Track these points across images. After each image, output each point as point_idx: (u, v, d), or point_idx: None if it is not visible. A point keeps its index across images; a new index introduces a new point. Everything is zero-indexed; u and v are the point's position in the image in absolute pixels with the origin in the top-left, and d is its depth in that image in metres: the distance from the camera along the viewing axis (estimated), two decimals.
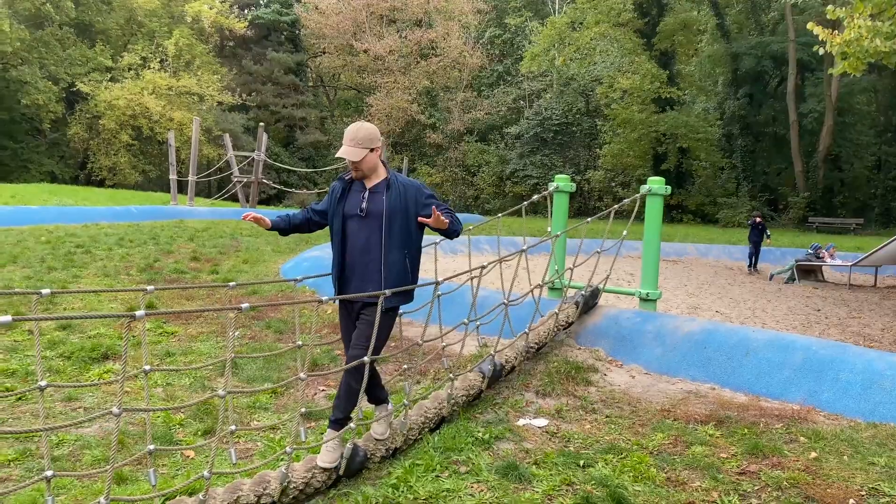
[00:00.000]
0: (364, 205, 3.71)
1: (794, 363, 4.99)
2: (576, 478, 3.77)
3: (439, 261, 12.79)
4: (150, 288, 3.51)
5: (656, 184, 6.20)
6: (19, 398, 4.89)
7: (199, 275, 9.51)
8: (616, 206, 6.07)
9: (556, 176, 6.97)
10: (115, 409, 2.69)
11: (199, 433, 4.41)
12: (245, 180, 24.86)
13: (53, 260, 9.93)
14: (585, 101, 37.76)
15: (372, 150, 3.70)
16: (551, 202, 6.71)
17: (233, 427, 3.51)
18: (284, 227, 3.90)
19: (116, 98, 32.07)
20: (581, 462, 3.96)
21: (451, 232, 3.81)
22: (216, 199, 26.37)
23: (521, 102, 40.36)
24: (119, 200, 22.76)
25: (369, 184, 3.77)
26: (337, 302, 3.82)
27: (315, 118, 43.23)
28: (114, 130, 33.20)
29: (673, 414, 4.66)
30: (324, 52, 42.03)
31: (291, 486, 3.43)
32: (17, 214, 14.55)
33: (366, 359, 3.56)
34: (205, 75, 35.16)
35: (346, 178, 3.84)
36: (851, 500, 3.44)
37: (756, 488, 3.61)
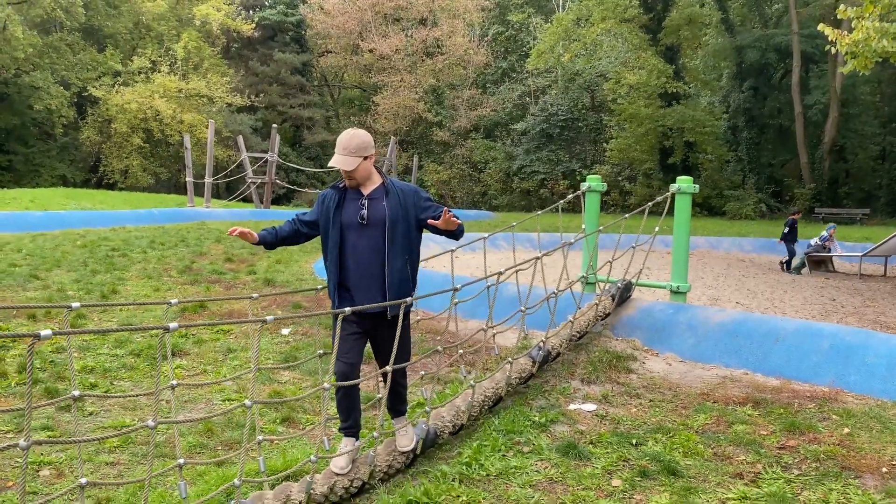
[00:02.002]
0: (364, 212, 3.64)
1: (822, 349, 5.37)
2: (630, 455, 4.15)
3: (459, 258, 13.17)
4: (255, 295, 3.90)
5: (685, 182, 6.58)
6: (106, 390, 5.29)
7: (237, 275, 9.89)
8: (650, 203, 6.44)
9: (588, 176, 7.36)
10: (247, 402, 3.05)
11: (277, 421, 4.79)
12: (259, 181, 25.24)
13: (95, 263, 10.31)
14: (591, 96, 38.06)
15: (366, 158, 3.63)
16: (584, 201, 7.09)
17: (326, 417, 3.87)
18: (272, 241, 3.81)
19: (128, 102, 32.47)
20: (633, 441, 4.33)
21: (458, 233, 3.77)
22: (231, 199, 26.75)
23: (527, 99, 40.68)
24: (134, 203, 23.16)
25: (366, 191, 3.70)
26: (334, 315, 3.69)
27: (321, 117, 43.62)
28: (125, 134, 33.61)
29: (712, 397, 5.04)
30: (327, 52, 42.39)
31: (377, 469, 3.80)
32: (46, 219, 14.95)
33: (388, 368, 3.62)
34: (213, 77, 35.53)
35: (340, 185, 3.75)
36: (884, 469, 3.82)
37: (796, 460, 3.99)
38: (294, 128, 42.86)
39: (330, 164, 3.59)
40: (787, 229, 14.83)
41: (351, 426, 3.83)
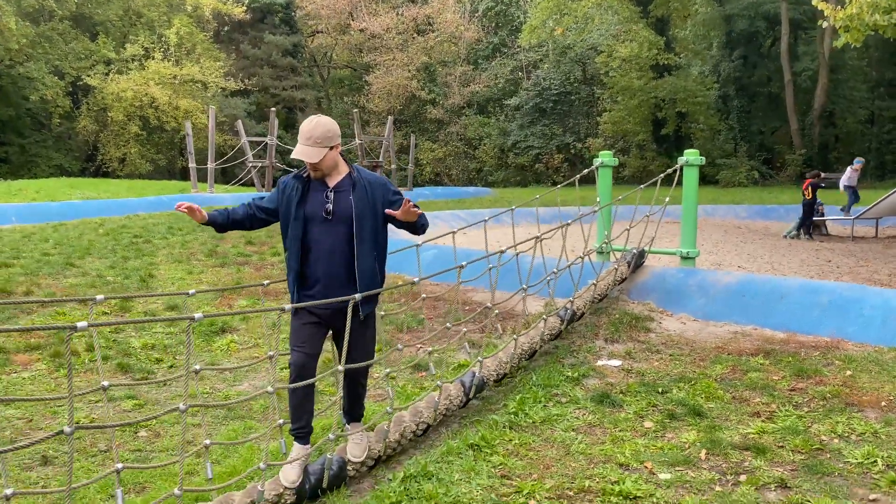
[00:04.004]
0: (329, 206, 3.43)
1: (823, 304, 5.90)
2: (658, 401, 4.67)
3: (467, 234, 13.66)
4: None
5: (692, 155, 7.06)
6: (171, 365, 5.77)
7: (263, 256, 10.34)
8: (662, 174, 6.92)
9: (601, 152, 7.82)
10: (339, 367, 3.51)
11: (329, 384, 5.29)
12: (260, 165, 25.54)
13: (122, 250, 10.72)
14: (582, 69, 38.32)
15: (332, 147, 3.42)
16: (597, 176, 7.57)
17: (389, 370, 4.35)
18: (222, 223, 3.59)
19: (123, 90, 32.56)
20: (659, 389, 4.85)
21: (418, 226, 3.61)
22: (233, 184, 27.07)
23: (519, 74, 40.90)
24: (138, 191, 23.46)
25: (331, 182, 3.49)
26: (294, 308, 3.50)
27: (313, 98, 43.77)
28: (122, 122, 33.73)
29: (726, 350, 5.57)
30: (317, 33, 42.43)
31: (437, 412, 4.32)
32: (63, 209, 15.30)
33: (340, 367, 3.47)
34: (206, 62, 35.60)
35: (304, 175, 3.52)
36: (883, 403, 4.36)
37: (806, 400, 4.52)
38: (287, 110, 42.99)
39: (293, 156, 3.37)
40: (811, 193, 14.19)
41: (301, 428, 3.59)
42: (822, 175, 15.04)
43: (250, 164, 25.63)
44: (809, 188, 14.26)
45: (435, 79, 40.00)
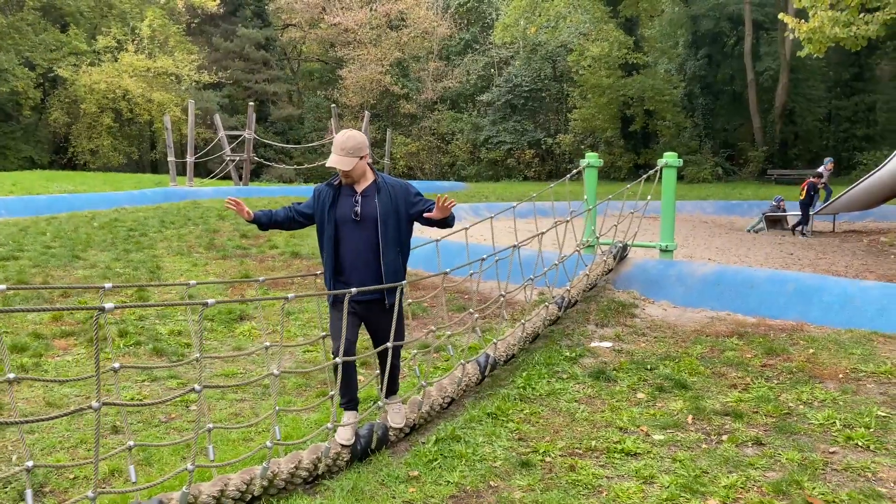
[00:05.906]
0: (358, 209, 3.87)
1: (789, 292, 6.62)
2: (647, 376, 5.32)
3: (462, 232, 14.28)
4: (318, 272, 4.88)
5: (671, 157, 7.73)
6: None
7: (262, 249, 10.79)
8: (644, 175, 7.58)
9: (587, 153, 8.46)
10: (388, 344, 4.07)
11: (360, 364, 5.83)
12: (237, 159, 25.74)
13: (122, 243, 11.06)
14: (553, 66, 39.09)
15: (361, 157, 3.85)
16: (584, 176, 8.22)
17: (416, 352, 4.93)
18: (266, 222, 4.03)
19: (96, 82, 32.40)
20: (648, 367, 5.50)
21: (451, 219, 4.04)
22: (211, 178, 27.21)
23: (491, 70, 41.53)
24: (114, 184, 23.53)
25: (359, 188, 3.93)
26: (329, 301, 4.08)
27: (285, 92, 43.87)
28: (94, 114, 33.55)
29: (704, 332, 6.25)
30: (289, 26, 42.55)
31: (459, 388, 4.91)
32: (50, 202, 15.50)
33: (389, 344, 4.01)
34: (180, 55, 35.54)
35: (335, 182, 3.97)
36: (840, 376, 5.06)
37: (775, 374, 5.21)
38: (259, 102, 43.01)
39: (328, 164, 3.81)
40: (805, 194, 14.43)
41: (350, 401, 4.13)
42: (824, 179, 16.00)
43: (228, 158, 25.82)
44: (806, 188, 14.51)
45: (408, 74, 40.42)
